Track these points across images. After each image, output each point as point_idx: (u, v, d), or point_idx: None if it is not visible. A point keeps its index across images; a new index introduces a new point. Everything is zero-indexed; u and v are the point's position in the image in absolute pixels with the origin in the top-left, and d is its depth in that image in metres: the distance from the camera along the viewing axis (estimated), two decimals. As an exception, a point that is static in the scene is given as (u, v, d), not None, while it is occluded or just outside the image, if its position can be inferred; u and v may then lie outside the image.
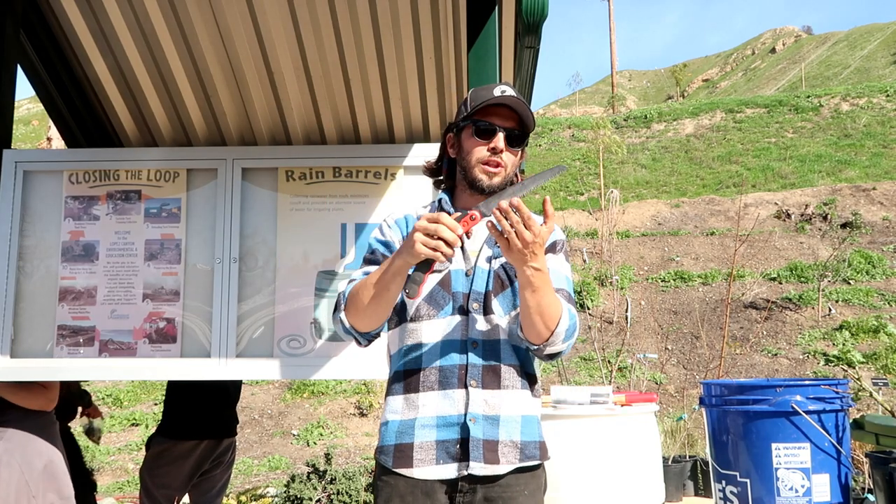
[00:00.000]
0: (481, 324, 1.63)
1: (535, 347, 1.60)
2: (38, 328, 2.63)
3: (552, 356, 1.62)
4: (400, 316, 1.70)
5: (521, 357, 1.66)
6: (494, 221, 1.47)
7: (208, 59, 2.74)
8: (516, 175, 1.74)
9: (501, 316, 1.64)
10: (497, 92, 1.64)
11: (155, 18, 2.61)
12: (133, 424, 9.69)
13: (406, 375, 1.65)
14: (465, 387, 1.59)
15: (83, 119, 3.14)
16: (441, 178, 1.81)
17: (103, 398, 10.38)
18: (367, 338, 1.68)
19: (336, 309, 1.68)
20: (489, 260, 1.68)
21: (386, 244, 1.73)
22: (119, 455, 8.77)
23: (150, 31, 2.68)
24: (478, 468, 1.56)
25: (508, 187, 1.63)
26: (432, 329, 1.64)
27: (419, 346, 1.64)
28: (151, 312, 2.62)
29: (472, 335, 1.62)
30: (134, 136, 3.11)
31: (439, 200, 1.77)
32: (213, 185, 2.69)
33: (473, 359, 1.61)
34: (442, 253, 1.45)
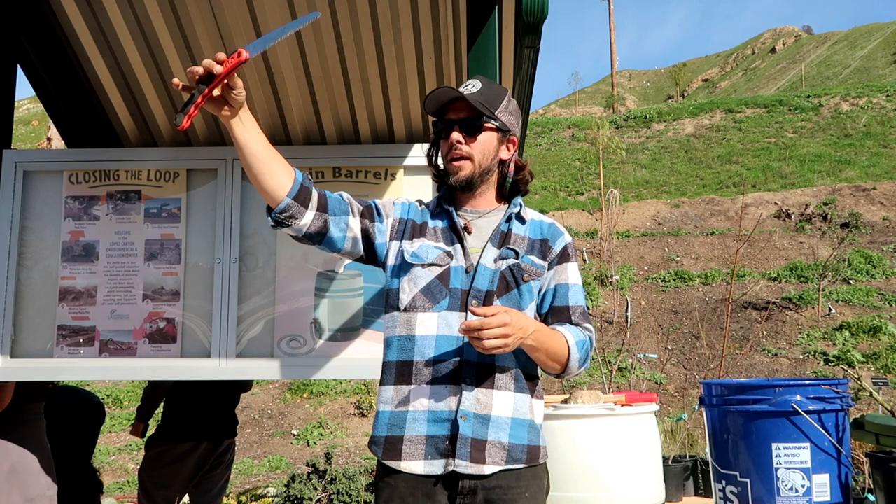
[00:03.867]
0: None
1: (554, 376, 1.68)
2: (38, 328, 2.63)
3: (571, 377, 1.75)
4: (391, 303, 1.71)
5: (520, 359, 1.65)
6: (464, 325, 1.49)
7: (208, 59, 2.74)
8: (503, 164, 1.76)
9: None
10: (462, 88, 1.71)
11: (155, 18, 2.61)
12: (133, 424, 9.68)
13: (399, 366, 1.65)
14: (459, 383, 1.59)
15: (83, 119, 3.14)
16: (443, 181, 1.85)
17: (103, 398, 10.38)
18: (275, 217, 1.67)
19: None
20: (495, 260, 1.67)
21: (378, 208, 1.76)
22: (119, 455, 8.77)
23: (150, 31, 2.67)
24: (462, 466, 1.56)
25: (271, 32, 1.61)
26: (427, 322, 1.63)
27: (412, 337, 1.64)
28: (151, 312, 2.62)
29: None
30: (134, 136, 3.11)
31: (438, 198, 1.80)
32: (213, 185, 2.69)
33: (468, 356, 1.60)
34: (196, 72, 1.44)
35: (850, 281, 12.55)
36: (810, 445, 3.33)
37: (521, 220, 1.75)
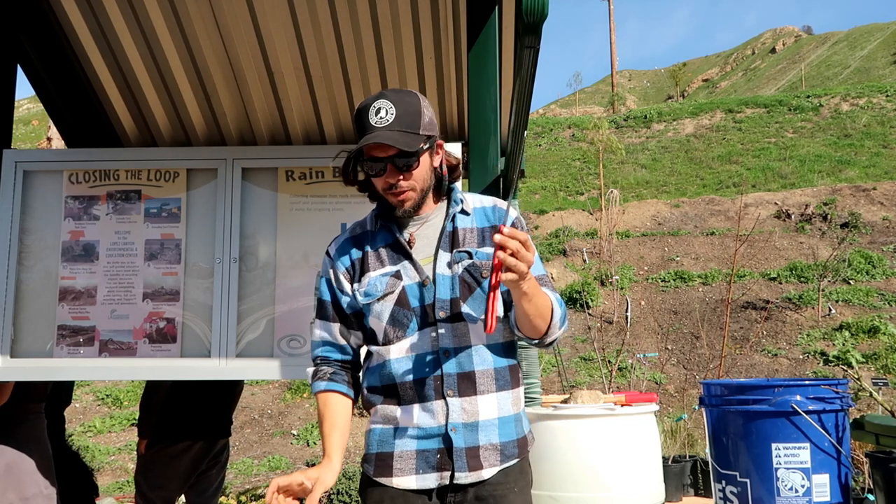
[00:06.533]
0: (451, 331, 1.60)
1: (536, 341, 1.61)
2: (38, 328, 2.63)
3: (551, 343, 1.64)
4: (370, 341, 1.70)
5: (498, 356, 1.64)
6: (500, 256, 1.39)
7: (208, 59, 2.74)
8: (440, 168, 1.67)
9: (473, 320, 1.61)
10: (373, 116, 1.56)
11: (155, 18, 2.61)
12: (133, 424, 9.68)
13: (384, 390, 1.65)
14: (443, 397, 1.58)
15: (83, 119, 3.14)
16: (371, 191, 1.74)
17: (103, 398, 10.39)
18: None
19: (312, 385, 1.73)
20: (450, 265, 1.63)
21: (332, 291, 1.71)
22: (119, 455, 8.77)
23: (150, 31, 2.68)
24: (462, 477, 1.57)
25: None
26: (402, 347, 1.62)
27: (390, 363, 1.63)
28: (151, 312, 2.62)
29: (442, 344, 1.59)
30: (134, 136, 3.12)
31: (376, 215, 1.72)
32: (213, 185, 2.69)
33: (448, 368, 1.59)
34: None
35: (850, 281, 12.55)
36: (810, 445, 3.32)
37: (465, 213, 1.70)
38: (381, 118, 1.56)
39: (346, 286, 1.69)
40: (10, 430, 2.63)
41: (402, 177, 1.59)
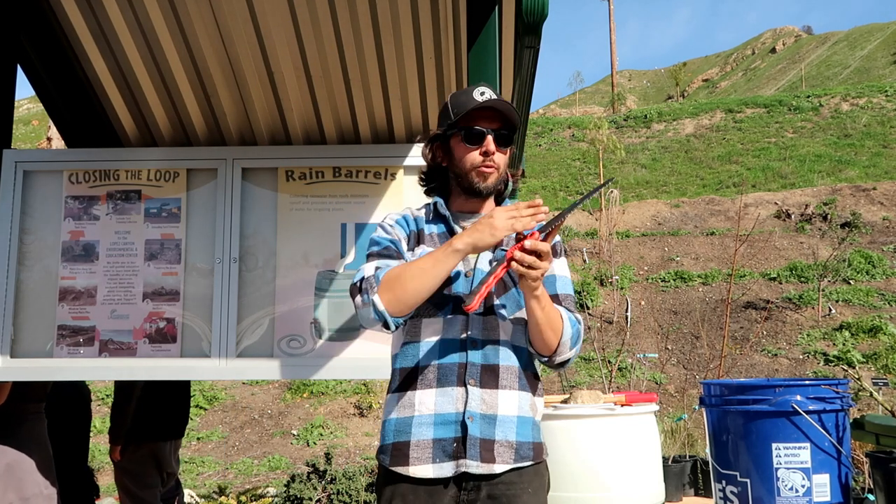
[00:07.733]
0: (482, 323, 1.63)
1: (546, 359, 1.66)
2: (38, 328, 2.63)
3: (562, 364, 1.68)
4: None
5: (522, 358, 1.67)
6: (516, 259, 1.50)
7: (208, 59, 2.74)
8: (507, 173, 1.77)
9: (504, 318, 1.64)
10: (478, 95, 1.67)
11: (155, 18, 2.61)
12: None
13: (403, 373, 1.66)
14: (464, 385, 1.60)
15: (83, 119, 3.14)
16: (433, 185, 1.81)
17: (103, 398, 10.38)
18: (397, 322, 1.60)
19: (362, 291, 1.59)
20: (491, 262, 1.68)
21: (392, 241, 1.71)
22: (119, 455, 8.75)
23: (150, 31, 2.68)
24: (473, 467, 1.57)
25: (560, 213, 1.62)
26: (431, 328, 1.64)
27: (417, 344, 1.65)
28: (151, 312, 2.62)
29: (472, 334, 1.62)
30: (134, 136, 3.11)
31: (434, 203, 1.77)
32: (213, 185, 2.69)
33: (473, 357, 1.61)
34: (524, 219, 1.50)
35: (850, 281, 12.55)
36: (810, 445, 3.33)
37: None
38: (485, 95, 1.68)
39: (404, 245, 1.72)
40: (10, 430, 2.63)
41: (497, 151, 1.68)
